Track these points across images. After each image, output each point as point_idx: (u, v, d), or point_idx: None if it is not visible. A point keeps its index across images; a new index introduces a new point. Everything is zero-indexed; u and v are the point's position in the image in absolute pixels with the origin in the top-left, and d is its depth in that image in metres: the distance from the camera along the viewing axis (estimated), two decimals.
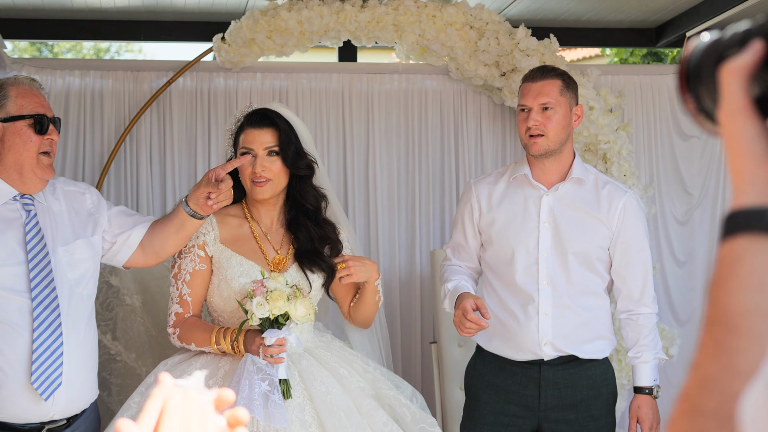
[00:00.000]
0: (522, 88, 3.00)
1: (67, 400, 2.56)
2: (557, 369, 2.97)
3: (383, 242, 4.42)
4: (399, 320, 4.40)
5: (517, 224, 3.01)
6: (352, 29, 4.14)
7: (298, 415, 2.56)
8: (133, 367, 3.60)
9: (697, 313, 4.59)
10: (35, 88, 2.66)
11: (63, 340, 2.54)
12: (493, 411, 3.03)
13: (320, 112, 4.40)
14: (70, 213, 2.72)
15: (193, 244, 2.79)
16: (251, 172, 2.77)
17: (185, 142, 4.34)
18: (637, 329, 3.00)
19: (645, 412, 2.96)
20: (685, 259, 4.62)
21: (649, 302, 3.01)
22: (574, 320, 2.96)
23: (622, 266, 2.99)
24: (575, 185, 3.02)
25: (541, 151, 2.94)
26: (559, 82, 2.96)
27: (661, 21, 4.77)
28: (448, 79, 4.49)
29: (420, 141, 4.48)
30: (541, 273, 2.95)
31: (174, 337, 2.78)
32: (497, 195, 3.08)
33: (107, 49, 13.83)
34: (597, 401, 3.00)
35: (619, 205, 2.98)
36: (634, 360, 3.00)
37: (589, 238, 2.97)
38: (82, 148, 4.26)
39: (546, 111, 2.92)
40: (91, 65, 4.32)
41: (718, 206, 4.61)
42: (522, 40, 4.18)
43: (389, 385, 2.82)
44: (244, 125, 2.82)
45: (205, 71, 4.33)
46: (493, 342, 3.05)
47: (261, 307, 2.54)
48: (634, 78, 4.61)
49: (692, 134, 4.63)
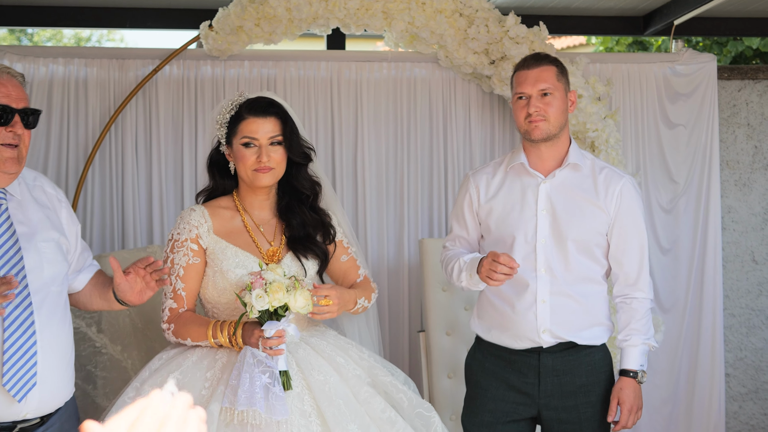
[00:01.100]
0: (517, 76, 3.00)
1: (41, 399, 2.48)
2: (556, 356, 2.98)
3: (371, 231, 4.40)
4: (387, 309, 4.39)
5: (516, 213, 3.01)
6: (341, 16, 4.10)
7: (298, 405, 2.54)
8: (118, 359, 3.56)
9: (681, 301, 4.61)
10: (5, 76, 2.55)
11: (36, 338, 2.45)
12: (494, 398, 3.04)
13: (308, 100, 4.36)
14: (46, 212, 2.63)
15: (185, 237, 2.75)
16: (255, 161, 2.74)
17: (171, 132, 4.29)
18: (630, 312, 3.01)
19: (627, 394, 2.96)
20: (669, 246, 4.64)
21: (645, 287, 3.03)
22: (572, 307, 2.96)
23: (619, 251, 3.01)
24: (572, 171, 3.02)
25: (543, 135, 2.95)
26: (554, 69, 2.98)
27: (649, 9, 4.77)
28: (437, 67, 4.46)
29: (409, 129, 4.46)
30: (539, 261, 2.96)
31: (169, 333, 2.74)
32: (495, 185, 3.08)
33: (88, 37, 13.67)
34: (596, 387, 3.01)
35: (616, 190, 2.99)
36: (623, 343, 3.01)
37: (587, 225, 2.98)
38: (66, 138, 4.20)
39: (545, 97, 2.94)
40: (74, 53, 4.25)
41: (702, 195, 4.63)
42: (512, 27, 4.16)
43: (385, 371, 2.81)
44: (243, 114, 2.77)
45: (192, 59, 4.28)
46: (492, 332, 3.06)
47: (260, 299, 2.51)
48: (621, 66, 4.61)
49: (678, 123, 4.64)
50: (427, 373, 4.03)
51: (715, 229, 4.60)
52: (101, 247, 4.23)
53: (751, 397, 4.95)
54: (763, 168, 4.93)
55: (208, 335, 2.65)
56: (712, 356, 4.58)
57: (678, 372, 4.61)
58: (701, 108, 4.64)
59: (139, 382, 2.65)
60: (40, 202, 2.63)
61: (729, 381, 4.90)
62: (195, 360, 2.64)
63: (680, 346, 4.60)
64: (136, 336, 3.59)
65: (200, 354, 2.67)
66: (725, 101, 4.90)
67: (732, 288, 4.91)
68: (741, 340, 4.93)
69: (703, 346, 4.59)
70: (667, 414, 4.60)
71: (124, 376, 3.51)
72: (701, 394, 4.58)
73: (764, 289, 4.94)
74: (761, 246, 4.93)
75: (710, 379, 4.58)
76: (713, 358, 4.58)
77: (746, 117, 4.93)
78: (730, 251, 4.90)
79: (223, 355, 2.66)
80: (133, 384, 2.65)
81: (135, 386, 2.64)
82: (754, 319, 4.94)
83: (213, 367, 2.61)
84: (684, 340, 4.61)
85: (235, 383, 2.47)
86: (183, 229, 2.77)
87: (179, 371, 2.61)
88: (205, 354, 2.67)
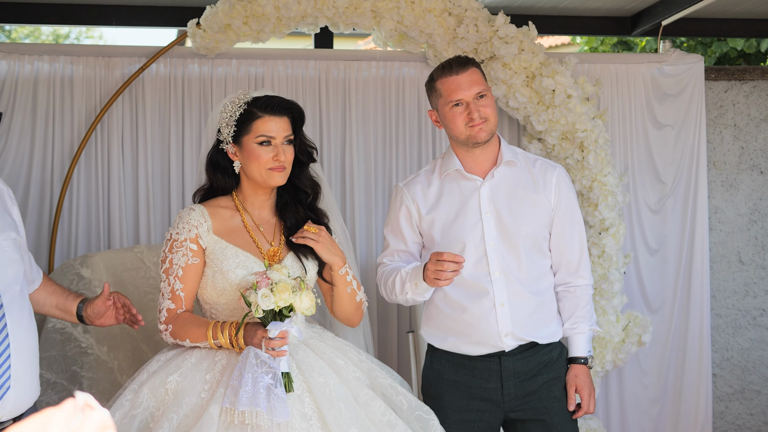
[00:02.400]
0: (446, 83, 2.93)
1: (15, 400, 2.44)
2: (516, 359, 2.96)
3: (360, 230, 4.38)
4: (375, 309, 4.37)
5: (460, 220, 2.97)
6: (329, 15, 4.08)
7: (298, 407, 2.51)
8: (104, 360, 3.52)
9: (669, 301, 4.62)
10: None
11: (9, 340, 2.39)
12: (458, 409, 3.00)
13: (297, 99, 4.32)
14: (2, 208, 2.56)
15: (185, 237, 2.70)
16: (271, 159, 2.71)
17: (158, 130, 4.25)
18: (574, 300, 3.02)
19: (582, 380, 2.99)
20: (657, 247, 4.64)
21: (586, 274, 3.04)
22: (531, 306, 2.95)
23: (561, 240, 3.01)
24: (508, 168, 3.00)
25: (488, 137, 2.92)
26: (479, 70, 2.96)
27: (637, 9, 4.78)
28: (426, 66, 4.44)
29: (397, 128, 4.45)
30: (491, 264, 2.92)
31: (166, 334, 2.69)
32: (432, 194, 3.03)
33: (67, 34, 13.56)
34: (557, 382, 3.01)
35: (552, 180, 3.00)
36: (570, 331, 3.02)
37: (533, 220, 2.97)
38: (51, 137, 4.15)
39: (482, 99, 2.91)
40: (60, 51, 4.19)
41: (690, 195, 4.64)
42: (501, 27, 4.15)
43: (384, 374, 2.79)
44: (257, 112, 2.74)
45: (179, 57, 4.24)
46: (448, 340, 3.01)
47: (266, 299, 2.48)
48: (609, 66, 4.61)
49: (666, 123, 4.65)
50: (417, 374, 4.01)
51: (702, 230, 4.62)
52: (87, 247, 4.18)
53: (737, 397, 4.96)
54: (750, 169, 4.95)
55: (208, 336, 2.61)
56: (700, 357, 4.60)
57: (666, 372, 4.61)
58: (689, 109, 4.65)
59: (137, 384, 2.60)
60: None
61: (715, 381, 4.91)
62: (194, 362, 2.61)
63: (668, 347, 4.61)
64: (122, 337, 3.55)
65: (199, 356, 2.63)
66: (712, 102, 4.91)
67: (719, 288, 4.93)
68: (727, 341, 4.95)
69: (690, 347, 4.60)
70: (655, 415, 4.60)
71: (110, 376, 3.47)
72: (688, 394, 4.60)
73: (750, 290, 4.96)
74: (747, 246, 4.94)
75: (697, 379, 4.59)
76: (700, 359, 4.60)
77: (733, 118, 4.95)
78: (717, 252, 4.91)
79: (222, 356, 2.62)
80: (131, 386, 2.61)
81: (133, 389, 2.59)
82: (741, 319, 4.96)
83: (212, 369, 2.57)
84: (672, 341, 4.62)
85: (236, 383, 2.44)
86: (182, 229, 2.72)
87: (178, 373, 2.57)
88: (204, 356, 2.63)
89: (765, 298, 4.97)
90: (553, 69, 4.18)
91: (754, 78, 4.96)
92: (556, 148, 4.29)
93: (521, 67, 4.20)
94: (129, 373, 3.47)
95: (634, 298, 4.60)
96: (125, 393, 2.59)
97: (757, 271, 4.95)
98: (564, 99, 4.18)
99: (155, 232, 4.23)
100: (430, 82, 3.00)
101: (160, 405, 2.53)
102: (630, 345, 4.27)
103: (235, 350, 2.61)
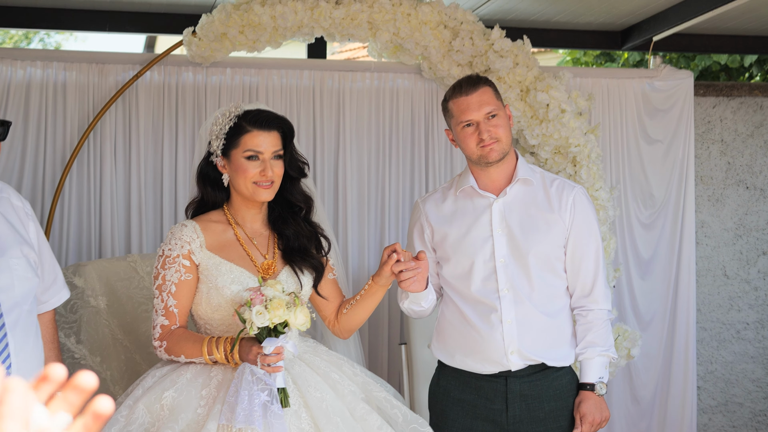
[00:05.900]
0: (456, 103, 2.93)
1: None
2: (524, 381, 2.93)
3: (352, 241, 4.37)
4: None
5: (471, 236, 2.96)
6: (326, 26, 4.07)
7: (295, 423, 2.50)
8: (97, 371, 3.48)
9: (659, 316, 4.65)
10: None
11: (11, 362, 2.33)
12: (462, 427, 2.98)
13: (290, 109, 4.31)
14: (14, 226, 2.50)
15: (177, 253, 2.68)
16: (257, 174, 2.69)
17: (152, 139, 4.21)
18: (586, 325, 2.97)
19: (586, 407, 2.94)
20: (648, 260, 4.67)
21: (600, 298, 2.98)
22: (539, 326, 2.92)
23: (575, 261, 2.97)
24: (523, 186, 2.99)
25: (499, 156, 2.91)
26: (491, 89, 2.95)
27: (628, 24, 4.82)
28: (420, 78, 4.45)
29: (391, 139, 4.44)
30: (500, 281, 2.91)
31: (161, 350, 2.67)
32: (446, 210, 3.03)
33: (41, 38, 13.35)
34: (564, 411, 2.97)
35: (569, 201, 2.97)
36: (581, 356, 2.97)
37: (546, 239, 2.94)
38: (44, 144, 4.09)
39: (493, 119, 2.90)
40: (54, 56, 4.15)
41: (680, 210, 4.68)
42: (497, 41, 4.16)
43: (378, 387, 2.77)
44: (246, 126, 2.72)
45: (174, 65, 4.21)
46: (456, 357, 3.00)
47: (260, 315, 2.46)
48: (601, 81, 4.64)
49: (656, 138, 4.69)
50: (409, 386, 4.00)
51: (689, 244, 4.65)
52: (78, 256, 4.13)
53: (721, 409, 5.01)
54: (736, 184, 5.00)
55: (203, 352, 2.59)
56: (685, 369, 4.63)
57: (655, 386, 4.65)
58: (678, 124, 4.69)
59: (132, 400, 2.58)
60: (7, 216, 2.51)
61: (699, 394, 4.96)
62: (189, 377, 2.59)
63: (658, 360, 4.65)
64: (115, 347, 3.52)
65: (194, 371, 2.62)
66: (700, 117, 4.97)
67: (704, 302, 4.98)
68: (711, 354, 5.00)
69: (676, 360, 4.63)
70: (644, 429, 4.63)
71: (103, 387, 3.43)
72: (674, 407, 4.63)
73: (735, 304, 5.01)
74: (732, 261, 5.00)
75: (683, 392, 4.63)
76: (686, 372, 4.63)
77: (720, 133, 5.00)
78: (703, 266, 4.96)
79: (218, 372, 2.60)
80: (126, 402, 2.58)
81: (128, 404, 2.57)
82: (725, 332, 5.01)
83: (208, 385, 2.55)
84: (661, 354, 4.65)
85: (232, 400, 2.43)
86: (174, 245, 2.69)
87: (173, 389, 2.55)
88: (199, 371, 2.62)
89: (749, 312, 5.03)
90: (547, 83, 4.19)
91: (742, 94, 5.02)
92: (548, 162, 4.31)
93: (516, 81, 4.21)
94: (122, 383, 3.43)
95: (624, 312, 4.62)
96: (120, 409, 2.56)
97: (742, 285, 5.00)
98: (558, 113, 4.19)
99: (147, 241, 4.20)
100: (444, 102, 3.00)
101: (155, 421, 2.51)
102: (619, 359, 4.29)
103: (230, 365, 2.59)
